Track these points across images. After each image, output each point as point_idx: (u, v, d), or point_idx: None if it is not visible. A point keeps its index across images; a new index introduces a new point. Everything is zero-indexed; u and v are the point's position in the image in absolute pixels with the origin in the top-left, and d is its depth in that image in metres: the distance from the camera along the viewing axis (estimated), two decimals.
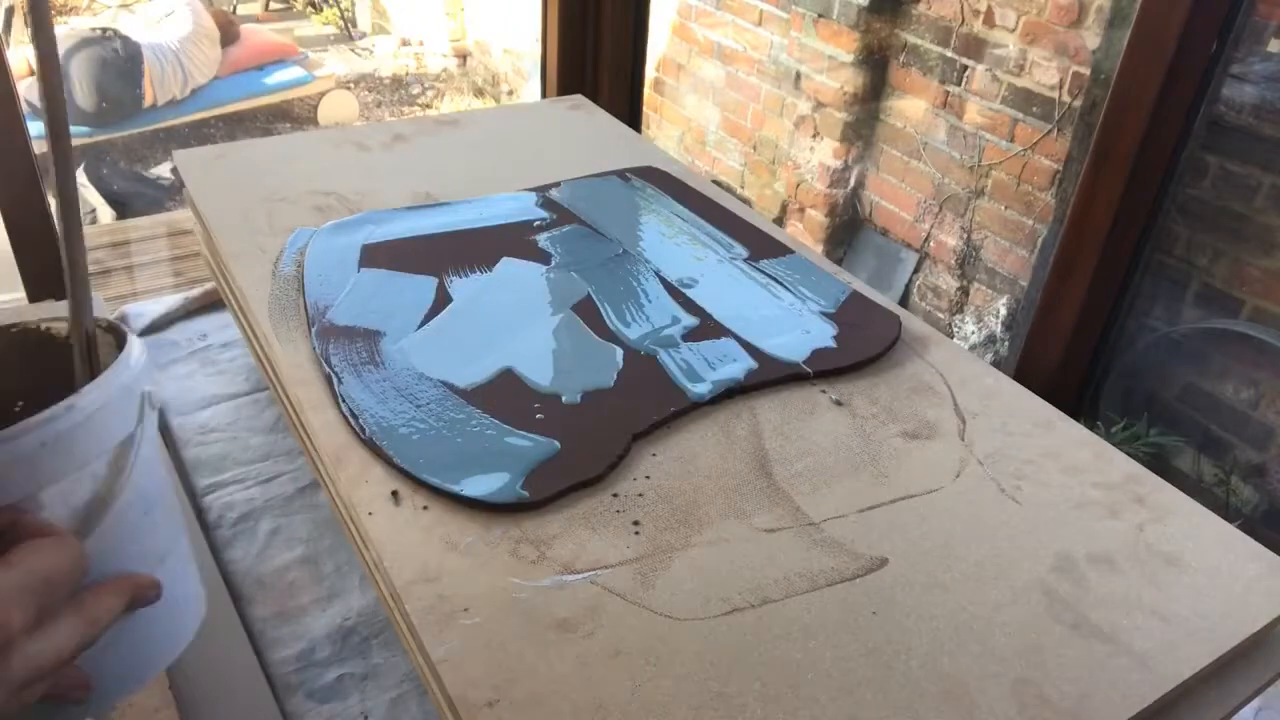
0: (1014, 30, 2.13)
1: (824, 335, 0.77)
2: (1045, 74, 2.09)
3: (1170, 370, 1.80)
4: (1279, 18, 1.62)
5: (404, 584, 0.54)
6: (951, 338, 1.09)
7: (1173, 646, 0.54)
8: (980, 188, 2.30)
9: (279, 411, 0.85)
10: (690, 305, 0.79)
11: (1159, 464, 1.76)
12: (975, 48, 2.22)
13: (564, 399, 0.68)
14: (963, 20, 2.23)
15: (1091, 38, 1.99)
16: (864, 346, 0.76)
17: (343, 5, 4.82)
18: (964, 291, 2.43)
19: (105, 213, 3.02)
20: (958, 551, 0.59)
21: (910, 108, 2.43)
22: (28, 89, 3.32)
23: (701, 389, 0.70)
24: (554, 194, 0.95)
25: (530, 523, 0.59)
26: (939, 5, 2.28)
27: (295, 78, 3.86)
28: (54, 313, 0.44)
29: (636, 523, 0.59)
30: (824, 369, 0.74)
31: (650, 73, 3.12)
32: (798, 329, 0.78)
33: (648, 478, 0.63)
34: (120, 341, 0.42)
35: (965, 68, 2.26)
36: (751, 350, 0.74)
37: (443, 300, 0.77)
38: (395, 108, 4.27)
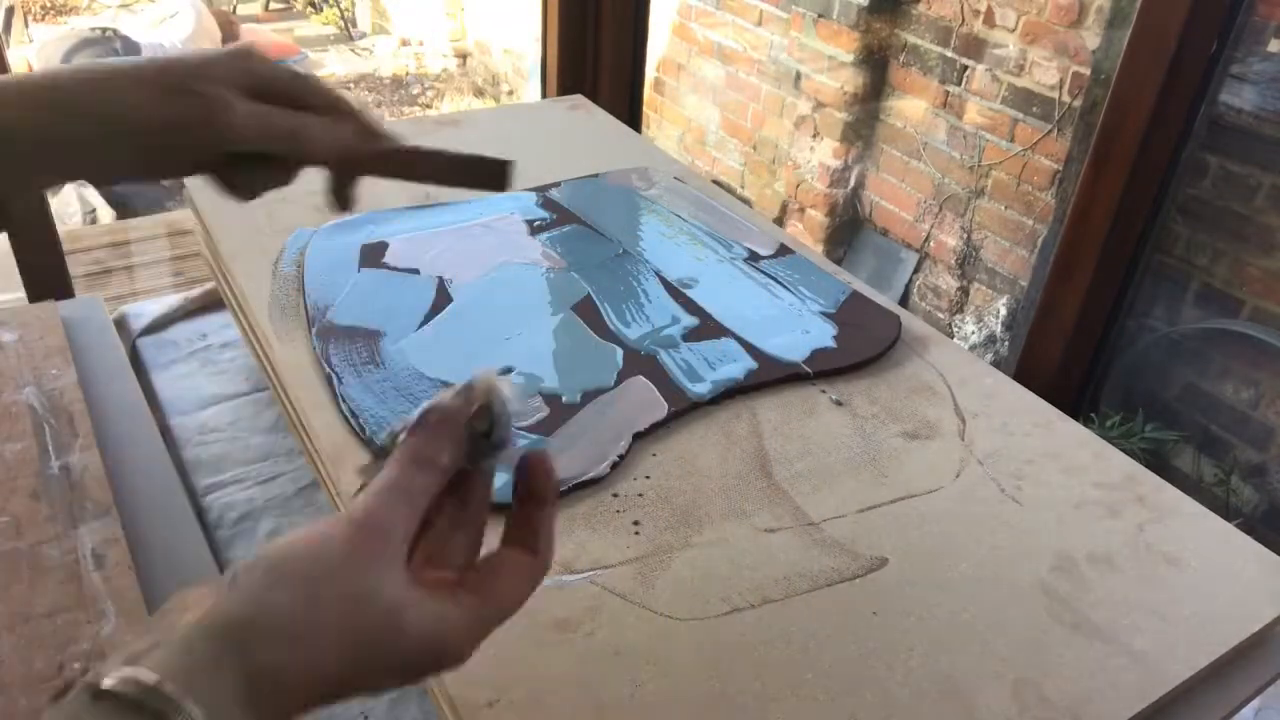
0: (1014, 30, 2.13)
1: (824, 335, 0.77)
2: (1045, 74, 2.09)
3: (1170, 370, 1.80)
4: (1279, 18, 1.62)
5: None
6: (951, 338, 1.09)
7: (1173, 646, 0.54)
8: (980, 188, 2.30)
9: (279, 411, 0.85)
10: (690, 305, 0.79)
11: (1158, 463, 1.76)
12: (975, 48, 2.22)
13: (564, 399, 0.68)
14: (963, 20, 2.23)
15: (1091, 38, 1.99)
16: (864, 346, 0.76)
17: (343, 5, 4.82)
18: (964, 291, 2.43)
19: (105, 213, 3.02)
20: (958, 551, 0.59)
21: (910, 108, 2.43)
22: None
23: (701, 389, 0.70)
24: (554, 194, 0.95)
25: None
26: (939, 5, 2.28)
27: None
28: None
29: (636, 523, 0.59)
30: (824, 369, 0.74)
31: (650, 73, 3.12)
32: (798, 329, 0.78)
33: (648, 478, 0.63)
34: None
35: (965, 68, 2.26)
36: (751, 350, 0.74)
37: (443, 300, 0.77)
38: (395, 108, 4.26)
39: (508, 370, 0.70)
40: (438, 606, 0.33)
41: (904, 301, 2.54)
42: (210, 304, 1.01)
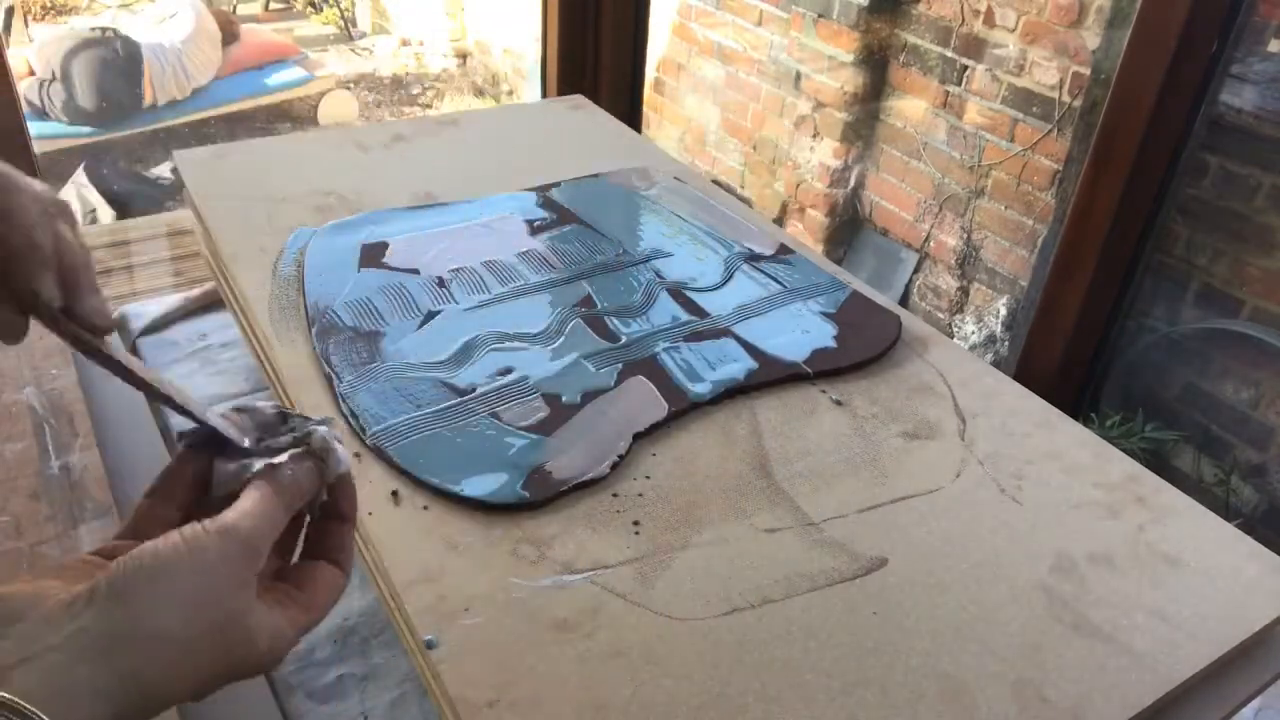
0: (1014, 30, 2.13)
1: (824, 335, 0.77)
2: (1045, 74, 2.09)
3: (1170, 370, 1.80)
4: (1279, 18, 1.62)
5: (404, 584, 0.54)
6: (951, 338, 1.09)
7: (1173, 646, 0.54)
8: (980, 188, 2.30)
9: None
10: (690, 305, 0.79)
11: (1158, 463, 1.76)
12: (975, 48, 2.22)
13: (564, 399, 0.68)
14: (963, 20, 2.23)
15: (1091, 38, 1.99)
16: (864, 346, 0.76)
17: (343, 5, 4.81)
18: (964, 291, 2.43)
19: (105, 213, 3.02)
20: (958, 551, 0.59)
21: (910, 108, 2.43)
22: (28, 89, 3.32)
23: (701, 389, 0.70)
24: (554, 194, 0.95)
25: (530, 523, 0.59)
26: (939, 5, 2.28)
27: (295, 78, 3.86)
28: None
29: (636, 523, 0.59)
30: (824, 369, 0.74)
31: (650, 73, 3.12)
32: (798, 329, 0.78)
33: (648, 478, 0.63)
34: None
35: (965, 68, 2.26)
36: (751, 350, 0.74)
37: (443, 300, 0.77)
38: (395, 108, 4.26)
39: (507, 370, 0.70)
40: (276, 621, 0.36)
41: (904, 301, 2.54)
42: (210, 304, 1.01)
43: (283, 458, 0.38)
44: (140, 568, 0.32)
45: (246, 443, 0.40)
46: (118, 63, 3.37)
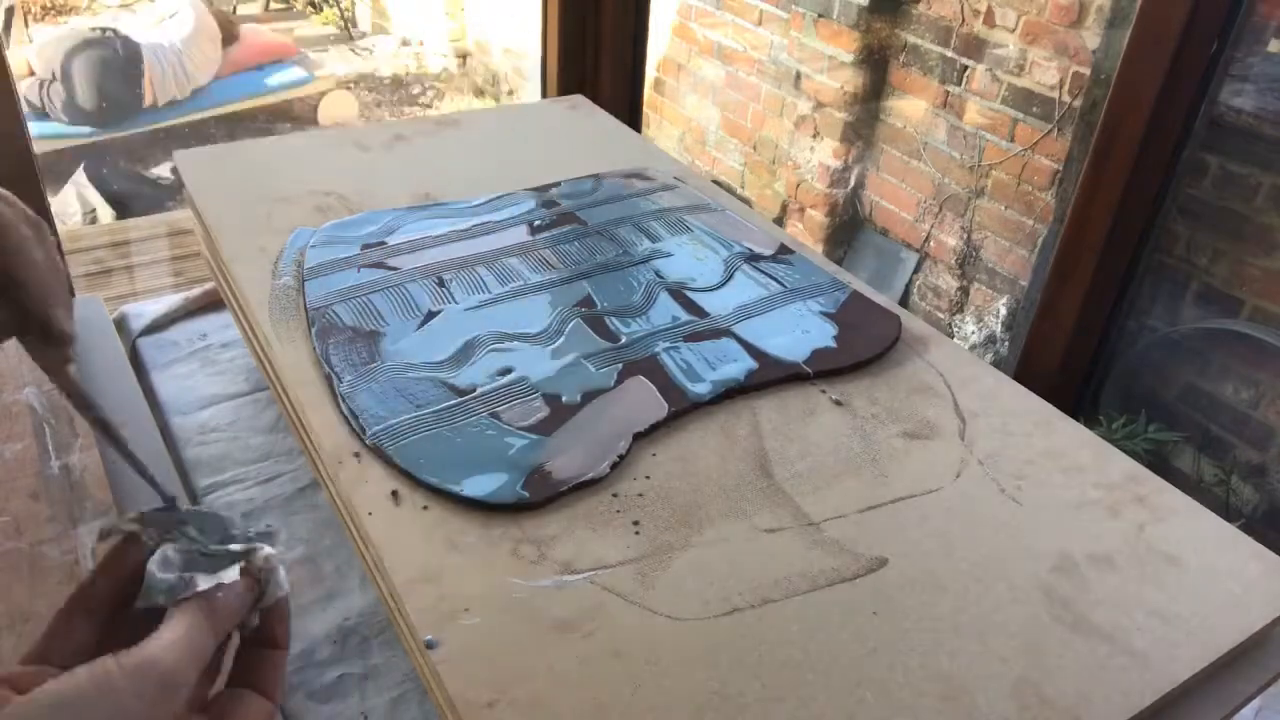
0: (1014, 30, 2.13)
1: (824, 335, 0.77)
2: (1045, 74, 2.09)
3: (1170, 370, 1.80)
4: (1279, 18, 1.62)
5: (404, 584, 0.54)
6: (951, 338, 1.09)
7: (1173, 646, 0.54)
8: (980, 188, 2.30)
9: (279, 411, 0.85)
10: (690, 305, 0.79)
11: (1158, 462, 1.76)
12: (975, 48, 2.22)
13: (564, 399, 0.68)
14: (963, 20, 2.23)
15: (1091, 38, 1.99)
16: (864, 346, 0.76)
17: (343, 5, 4.81)
18: (964, 291, 2.43)
19: (105, 213, 3.02)
20: (958, 551, 0.59)
21: (910, 108, 2.43)
22: (28, 89, 3.32)
23: (701, 389, 0.70)
24: (554, 194, 0.95)
25: (530, 523, 0.59)
26: (939, 5, 2.28)
27: (295, 78, 3.86)
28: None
29: (636, 523, 0.59)
30: (824, 369, 0.74)
31: (650, 73, 3.12)
32: (798, 329, 0.78)
33: (648, 478, 0.63)
34: None
35: (965, 68, 2.26)
36: (751, 350, 0.74)
37: (443, 300, 0.77)
38: (395, 108, 4.26)
39: (507, 370, 0.70)
40: None
41: (904, 301, 2.54)
42: (210, 304, 1.01)
43: (223, 577, 0.35)
44: (55, 706, 0.29)
45: (180, 550, 0.35)
46: (118, 63, 3.37)
